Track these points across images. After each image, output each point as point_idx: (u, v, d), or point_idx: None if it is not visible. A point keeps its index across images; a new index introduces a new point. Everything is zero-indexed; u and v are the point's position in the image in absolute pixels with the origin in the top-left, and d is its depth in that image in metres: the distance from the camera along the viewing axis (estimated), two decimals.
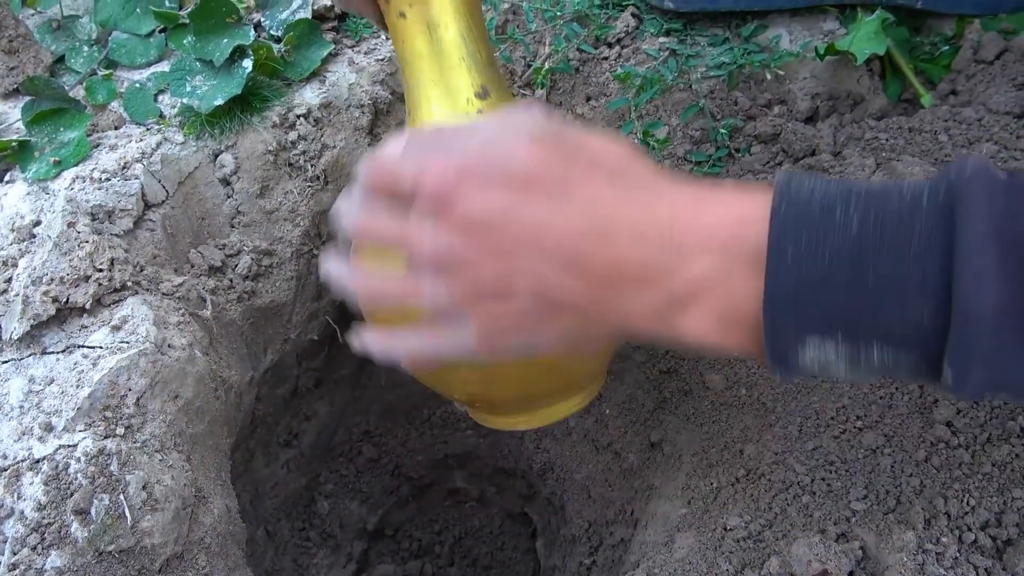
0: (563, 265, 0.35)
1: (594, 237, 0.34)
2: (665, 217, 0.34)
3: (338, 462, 1.04)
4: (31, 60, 0.75)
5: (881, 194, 0.31)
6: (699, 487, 0.61)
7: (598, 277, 0.35)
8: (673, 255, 0.34)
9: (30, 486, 0.51)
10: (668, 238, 0.34)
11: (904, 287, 0.30)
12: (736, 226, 0.33)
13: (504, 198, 0.35)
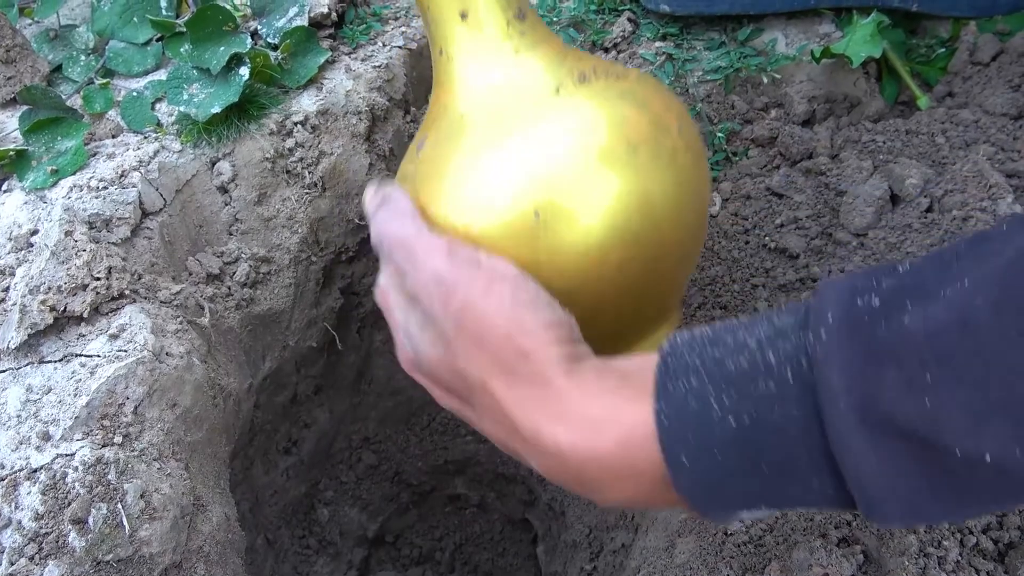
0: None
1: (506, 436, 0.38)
2: (551, 448, 0.35)
3: (338, 469, 1.03)
4: (28, 69, 0.75)
5: (748, 377, 0.31)
6: None
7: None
8: (581, 484, 0.36)
9: (28, 496, 0.50)
10: (569, 469, 0.36)
11: (796, 467, 0.30)
12: (626, 451, 0.34)
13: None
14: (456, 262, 0.38)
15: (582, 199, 0.40)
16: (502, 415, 0.37)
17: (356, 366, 0.97)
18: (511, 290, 0.37)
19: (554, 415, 0.35)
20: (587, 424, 0.34)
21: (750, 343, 0.32)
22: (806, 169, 0.71)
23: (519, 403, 0.36)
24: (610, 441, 0.34)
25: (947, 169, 0.66)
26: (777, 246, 0.68)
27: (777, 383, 0.30)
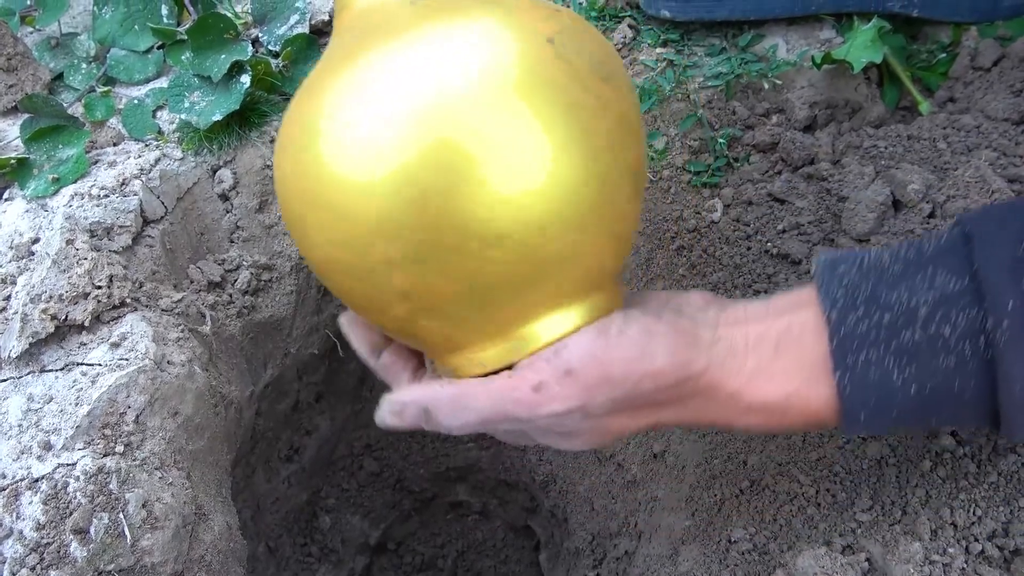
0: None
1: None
2: (743, 430, 0.42)
3: (339, 476, 1.03)
4: (30, 78, 0.75)
5: (926, 351, 0.35)
6: (703, 499, 0.61)
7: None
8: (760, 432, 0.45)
9: (29, 505, 0.50)
10: (756, 434, 0.45)
11: (964, 419, 0.37)
12: (811, 424, 0.40)
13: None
14: (550, 395, 0.39)
15: (476, 138, 0.34)
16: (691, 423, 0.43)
17: (357, 373, 0.97)
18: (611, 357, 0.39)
19: (741, 412, 0.40)
20: (775, 410, 0.39)
21: (920, 311, 0.35)
22: (808, 175, 0.71)
23: (701, 414, 0.41)
24: (799, 417, 0.39)
25: (949, 174, 0.66)
26: (779, 252, 0.68)
27: (957, 359, 0.35)
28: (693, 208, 0.73)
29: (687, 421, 0.41)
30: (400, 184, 0.34)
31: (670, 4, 0.77)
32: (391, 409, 0.42)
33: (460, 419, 0.40)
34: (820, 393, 0.38)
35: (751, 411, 0.39)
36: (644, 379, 0.39)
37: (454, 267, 0.36)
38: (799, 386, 0.38)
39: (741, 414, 0.40)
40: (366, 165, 0.35)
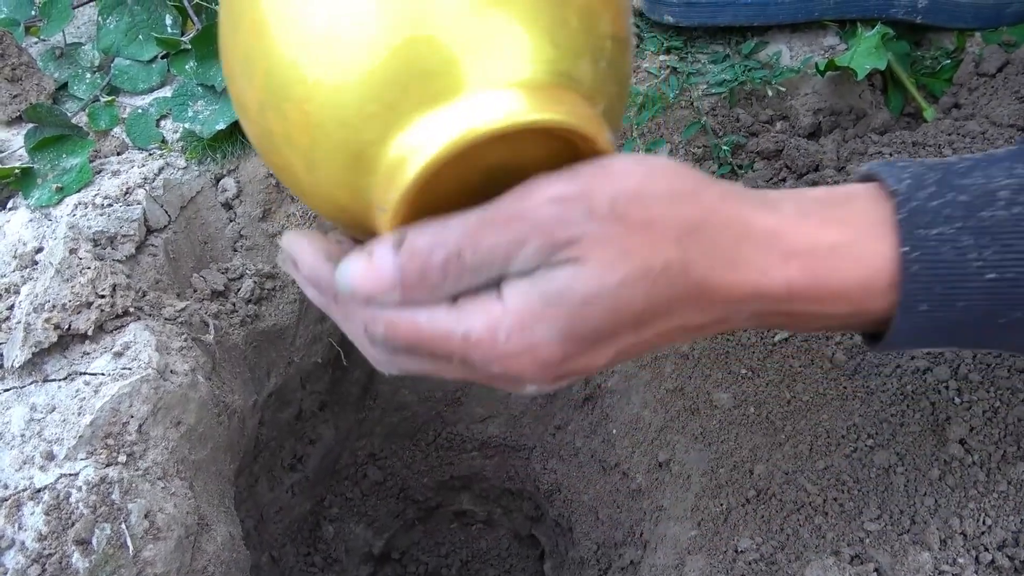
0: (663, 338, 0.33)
1: (695, 331, 0.32)
2: (780, 299, 0.31)
3: (343, 485, 1.03)
4: (34, 88, 0.76)
5: (1010, 232, 0.30)
6: (709, 508, 0.60)
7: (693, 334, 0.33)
8: (787, 324, 0.33)
9: (31, 516, 0.50)
10: (786, 314, 0.32)
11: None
12: (862, 293, 0.32)
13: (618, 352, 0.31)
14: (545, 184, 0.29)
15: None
16: (707, 297, 0.31)
17: (361, 382, 0.96)
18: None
19: (781, 256, 0.31)
20: (823, 260, 0.31)
21: (999, 193, 0.31)
22: (812, 181, 0.71)
23: (729, 265, 0.30)
24: (852, 279, 0.31)
25: None
26: None
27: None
28: None
29: (714, 283, 0.30)
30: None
31: (673, 9, 0.77)
32: (359, 252, 0.31)
33: (440, 236, 0.29)
34: (879, 252, 0.31)
35: (794, 256, 0.31)
36: (651, 181, 0.30)
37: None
38: (855, 236, 0.31)
39: (781, 260, 0.31)
40: (340, 66, 0.30)
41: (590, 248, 0.29)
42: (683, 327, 0.31)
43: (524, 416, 0.97)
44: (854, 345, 0.61)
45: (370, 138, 0.30)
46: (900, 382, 0.57)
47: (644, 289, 0.29)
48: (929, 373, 0.56)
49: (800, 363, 0.62)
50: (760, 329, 0.33)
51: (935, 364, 0.56)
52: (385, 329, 0.31)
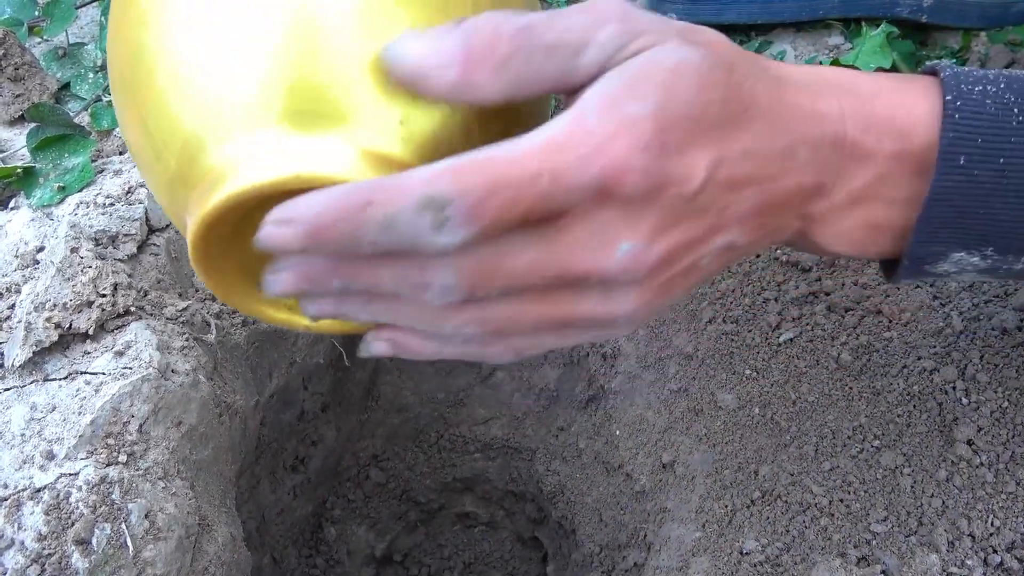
0: (751, 214, 0.31)
1: (776, 161, 0.30)
2: (835, 122, 0.31)
3: (345, 487, 1.02)
4: (37, 87, 0.76)
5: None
6: (713, 509, 0.60)
7: (773, 211, 0.31)
8: (841, 165, 0.32)
9: (31, 516, 0.50)
10: (840, 147, 0.31)
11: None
12: (906, 126, 0.31)
13: (716, 154, 0.29)
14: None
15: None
16: (783, 129, 0.30)
17: (363, 383, 0.96)
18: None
19: (832, 87, 0.31)
20: (868, 96, 0.32)
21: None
22: None
23: (783, 90, 0.31)
24: (898, 112, 0.31)
25: None
26: (789, 259, 0.67)
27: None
28: None
29: (775, 97, 0.30)
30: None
31: (677, 7, 0.77)
32: (411, 33, 0.28)
33: (522, 24, 0.27)
34: (921, 97, 0.31)
35: (840, 89, 0.31)
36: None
37: None
38: (898, 84, 0.32)
39: (830, 91, 0.31)
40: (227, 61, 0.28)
41: (668, 36, 0.28)
42: (755, 151, 0.29)
43: (527, 418, 0.97)
44: (860, 345, 0.60)
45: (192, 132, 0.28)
46: (907, 382, 0.56)
47: (724, 75, 0.29)
48: (936, 373, 0.55)
49: (805, 363, 0.62)
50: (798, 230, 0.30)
51: (942, 364, 0.55)
52: (456, 188, 0.25)
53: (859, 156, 0.32)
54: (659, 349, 0.74)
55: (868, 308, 0.62)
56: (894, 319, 0.60)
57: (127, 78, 0.30)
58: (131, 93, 0.30)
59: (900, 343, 0.58)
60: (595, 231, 0.27)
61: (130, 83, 0.30)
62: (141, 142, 0.30)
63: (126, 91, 0.31)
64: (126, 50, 0.30)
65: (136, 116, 0.30)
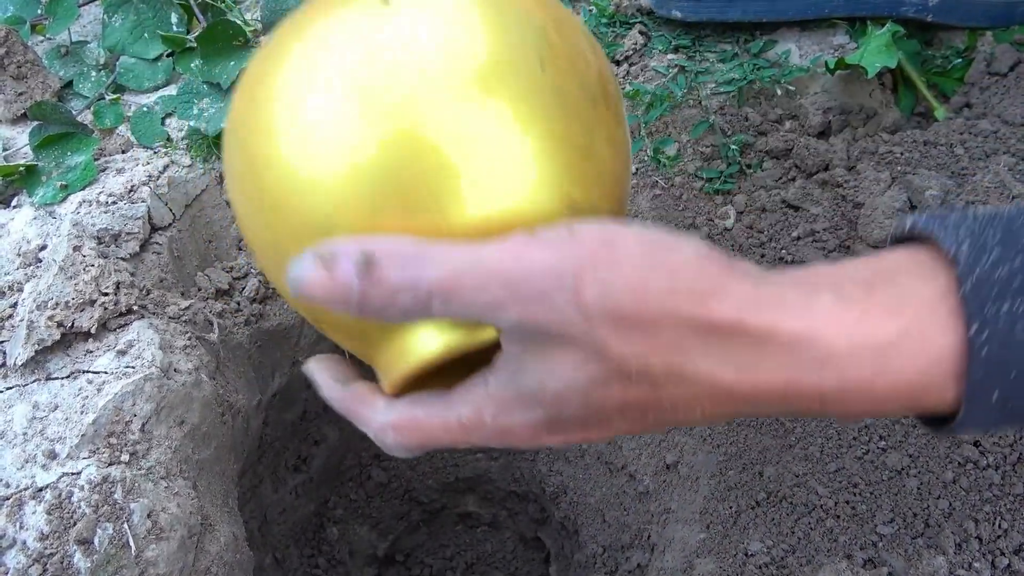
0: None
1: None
2: (813, 396, 0.28)
3: (347, 487, 1.02)
4: (39, 85, 0.75)
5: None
6: (718, 511, 0.59)
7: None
8: (835, 414, 0.29)
9: (33, 515, 0.49)
10: (823, 413, 0.29)
11: None
12: (918, 392, 0.27)
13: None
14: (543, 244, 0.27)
15: (444, 129, 0.29)
16: (710, 403, 0.28)
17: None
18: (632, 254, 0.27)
19: (817, 361, 0.27)
20: (868, 360, 0.27)
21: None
22: (822, 181, 0.70)
23: (748, 369, 0.27)
24: (903, 379, 0.27)
25: (967, 180, 0.65)
26: (794, 259, 0.67)
27: None
28: (706, 215, 0.72)
29: (725, 385, 0.28)
30: (356, 183, 0.29)
31: (681, 4, 0.77)
32: (318, 254, 0.28)
33: (413, 275, 0.27)
34: (940, 340, 0.26)
35: (829, 362, 0.27)
36: (656, 273, 0.27)
37: None
38: (908, 325, 0.26)
39: (814, 366, 0.27)
40: (318, 160, 0.30)
41: (567, 343, 0.27)
42: (688, 418, 0.29)
43: None
44: None
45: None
46: None
47: (620, 390, 0.28)
48: None
49: None
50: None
51: None
52: (394, 435, 0.32)
53: (851, 415, 0.29)
54: None
55: None
56: None
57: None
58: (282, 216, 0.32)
59: None
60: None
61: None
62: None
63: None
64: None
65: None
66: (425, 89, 0.29)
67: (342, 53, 0.30)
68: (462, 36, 0.30)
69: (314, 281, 0.28)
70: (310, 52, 0.30)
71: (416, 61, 0.29)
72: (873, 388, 0.27)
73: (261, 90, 0.31)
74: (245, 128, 0.32)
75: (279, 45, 0.32)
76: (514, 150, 0.29)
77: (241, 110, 0.33)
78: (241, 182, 0.33)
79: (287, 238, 0.31)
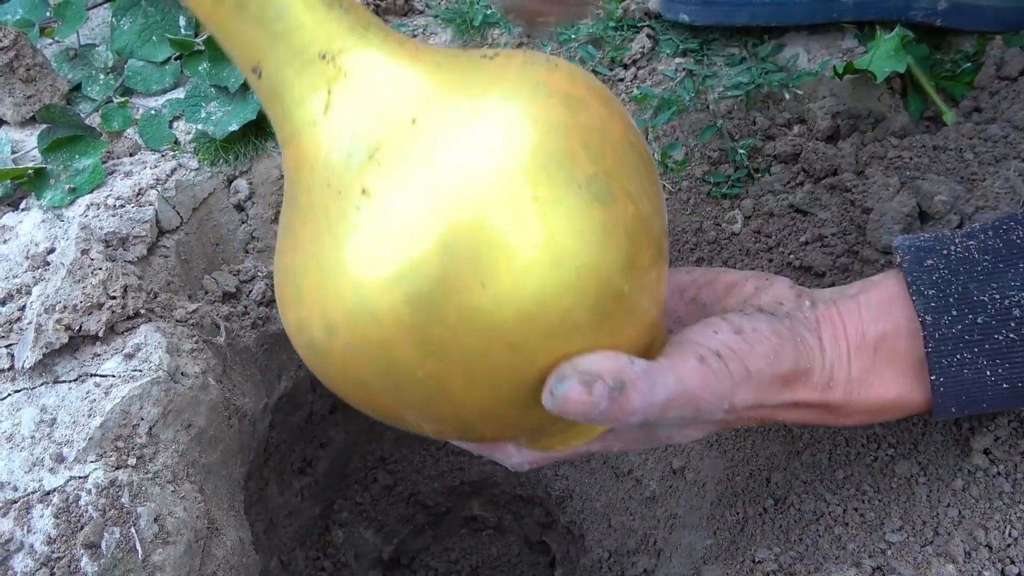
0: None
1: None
2: (817, 403, 0.42)
3: (353, 490, 1.02)
4: (48, 88, 0.76)
5: (1021, 351, 0.39)
6: (725, 517, 0.59)
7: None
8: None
9: (40, 519, 0.50)
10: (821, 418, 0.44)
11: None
12: (895, 409, 0.43)
13: None
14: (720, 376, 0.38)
15: (513, 230, 0.30)
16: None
17: None
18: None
19: (842, 416, 0.43)
20: (875, 412, 0.43)
21: (1013, 312, 0.38)
22: (831, 186, 0.70)
23: (803, 419, 0.43)
24: (894, 414, 0.43)
25: (977, 185, 0.64)
26: (802, 264, 0.67)
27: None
28: (713, 219, 0.72)
29: (780, 420, 0.43)
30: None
31: (689, 8, 0.77)
32: (582, 379, 0.32)
33: (647, 402, 0.34)
34: (918, 395, 0.41)
35: (852, 415, 0.43)
36: (775, 381, 0.39)
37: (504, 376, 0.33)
38: (900, 392, 0.41)
39: (842, 418, 0.43)
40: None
41: (705, 426, 0.43)
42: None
43: None
44: None
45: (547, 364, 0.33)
46: None
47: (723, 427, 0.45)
48: None
49: None
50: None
51: None
52: (529, 467, 0.46)
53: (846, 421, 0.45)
54: None
55: None
56: None
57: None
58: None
59: None
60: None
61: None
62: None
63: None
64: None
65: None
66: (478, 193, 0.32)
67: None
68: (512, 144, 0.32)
69: (575, 399, 0.32)
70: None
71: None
72: (876, 420, 0.44)
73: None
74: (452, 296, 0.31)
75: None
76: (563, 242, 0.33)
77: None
78: (446, 349, 0.32)
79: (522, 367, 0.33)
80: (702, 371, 0.37)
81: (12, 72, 0.74)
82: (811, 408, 0.42)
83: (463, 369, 0.32)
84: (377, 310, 0.31)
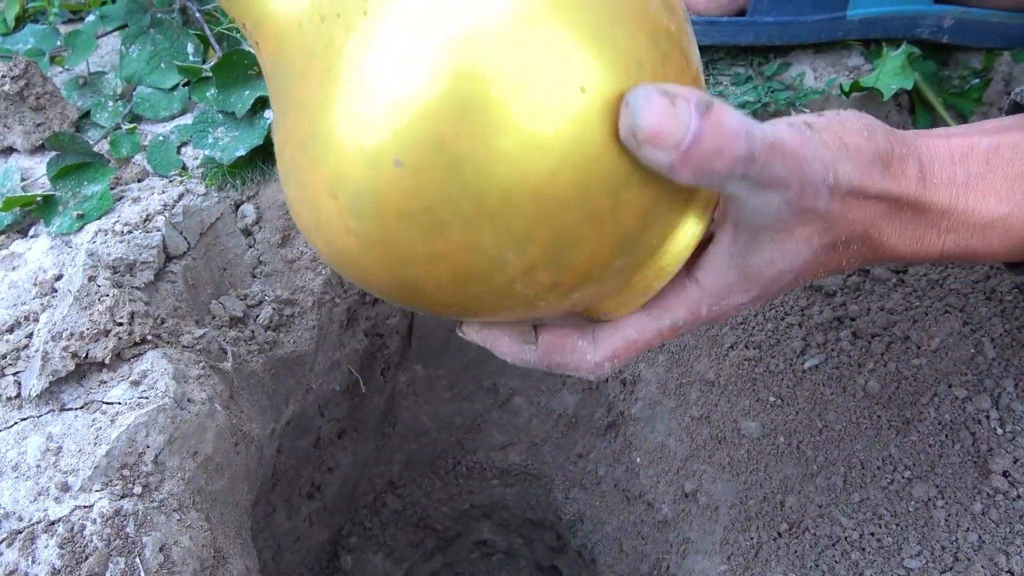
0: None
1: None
2: (935, 255, 0.38)
3: (361, 514, 1.01)
4: (57, 116, 0.76)
5: None
6: (738, 541, 0.58)
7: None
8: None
9: (45, 549, 0.49)
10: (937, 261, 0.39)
11: None
12: (1007, 254, 0.38)
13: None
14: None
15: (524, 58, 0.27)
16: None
17: (380, 408, 0.95)
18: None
19: (944, 229, 0.37)
20: (981, 230, 0.37)
21: None
22: None
23: (904, 240, 0.37)
24: (1001, 242, 0.38)
25: None
26: (812, 283, 0.66)
27: None
28: None
29: (880, 242, 0.36)
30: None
31: (694, 28, 0.77)
32: (661, 91, 0.27)
33: (748, 125, 0.29)
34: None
35: (953, 229, 0.37)
36: (875, 160, 0.34)
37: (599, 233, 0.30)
38: (1013, 208, 0.36)
39: (942, 232, 0.37)
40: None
41: (813, 219, 0.33)
42: (840, 271, 0.37)
43: (545, 444, 0.96)
44: (888, 373, 0.59)
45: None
46: (938, 411, 0.54)
47: (826, 257, 0.35)
48: (969, 402, 0.54)
49: (831, 391, 0.60)
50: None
51: (975, 393, 0.54)
52: (611, 365, 0.36)
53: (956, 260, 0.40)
54: (680, 375, 0.72)
55: (895, 334, 0.60)
56: (923, 345, 0.59)
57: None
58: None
59: (930, 370, 0.57)
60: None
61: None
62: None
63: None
64: None
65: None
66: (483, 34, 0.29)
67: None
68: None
69: (655, 111, 0.26)
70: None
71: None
72: (981, 246, 0.38)
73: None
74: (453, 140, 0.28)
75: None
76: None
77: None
78: (446, 189, 0.28)
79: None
80: (797, 132, 0.31)
81: (22, 101, 0.74)
82: (912, 210, 0.35)
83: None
84: (428, 108, 0.28)
